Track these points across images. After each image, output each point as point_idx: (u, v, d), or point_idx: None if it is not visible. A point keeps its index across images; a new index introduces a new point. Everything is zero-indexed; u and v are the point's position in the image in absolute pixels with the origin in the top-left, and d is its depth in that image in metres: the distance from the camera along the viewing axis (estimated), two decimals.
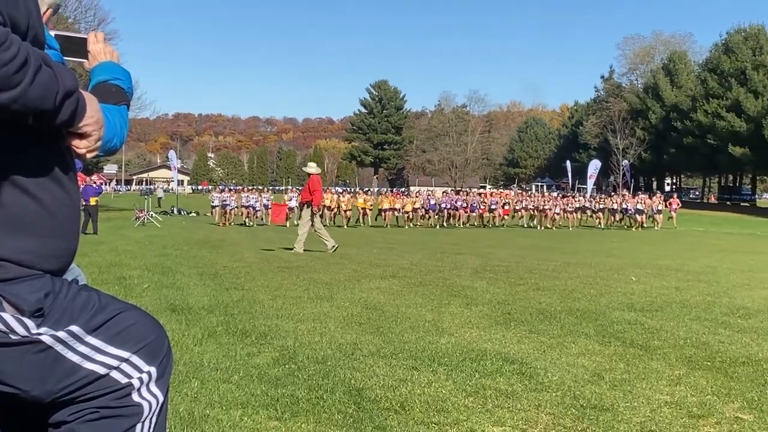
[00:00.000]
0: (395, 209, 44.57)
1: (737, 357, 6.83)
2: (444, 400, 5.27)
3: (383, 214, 44.48)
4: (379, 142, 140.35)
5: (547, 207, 46.12)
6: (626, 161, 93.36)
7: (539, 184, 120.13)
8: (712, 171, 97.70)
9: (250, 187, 60.54)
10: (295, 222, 33.05)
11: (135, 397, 2.20)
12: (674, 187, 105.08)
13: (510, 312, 9.26)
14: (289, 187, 58.46)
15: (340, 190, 57.69)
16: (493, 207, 46.90)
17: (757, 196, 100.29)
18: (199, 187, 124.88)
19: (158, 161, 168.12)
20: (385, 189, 57.55)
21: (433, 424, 4.74)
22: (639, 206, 46.88)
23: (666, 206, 48.89)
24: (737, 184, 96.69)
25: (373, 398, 5.27)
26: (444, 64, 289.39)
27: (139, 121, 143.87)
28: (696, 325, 8.59)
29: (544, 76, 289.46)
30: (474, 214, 45.93)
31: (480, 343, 7.30)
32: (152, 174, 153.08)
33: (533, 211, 46.94)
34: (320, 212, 20.61)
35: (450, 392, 5.47)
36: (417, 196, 47.16)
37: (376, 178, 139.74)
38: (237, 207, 43.33)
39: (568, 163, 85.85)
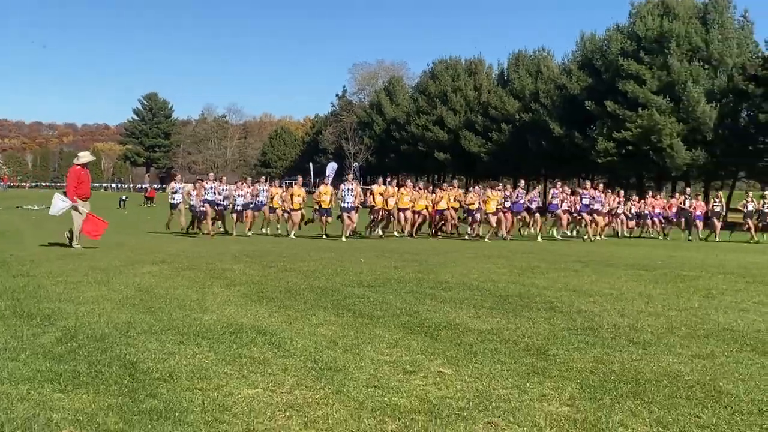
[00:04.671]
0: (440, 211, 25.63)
1: (440, 323, 7.11)
2: (207, 369, 5.20)
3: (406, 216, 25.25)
4: (150, 146, 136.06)
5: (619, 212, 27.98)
6: (357, 163, 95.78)
7: (287, 182, 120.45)
8: (423, 172, 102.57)
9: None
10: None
11: None
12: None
13: (263, 291, 9.18)
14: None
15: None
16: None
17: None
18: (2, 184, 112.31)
19: None
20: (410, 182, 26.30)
21: (197, 390, 4.68)
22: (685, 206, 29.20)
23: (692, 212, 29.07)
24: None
25: (145, 370, 5.11)
26: (207, 78, 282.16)
27: None
28: (410, 297, 8.81)
29: (292, 91, 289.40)
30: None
31: (238, 318, 7.22)
32: None
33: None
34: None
35: (212, 362, 5.40)
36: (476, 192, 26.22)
37: (148, 176, 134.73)
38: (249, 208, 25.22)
39: (310, 164, 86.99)
